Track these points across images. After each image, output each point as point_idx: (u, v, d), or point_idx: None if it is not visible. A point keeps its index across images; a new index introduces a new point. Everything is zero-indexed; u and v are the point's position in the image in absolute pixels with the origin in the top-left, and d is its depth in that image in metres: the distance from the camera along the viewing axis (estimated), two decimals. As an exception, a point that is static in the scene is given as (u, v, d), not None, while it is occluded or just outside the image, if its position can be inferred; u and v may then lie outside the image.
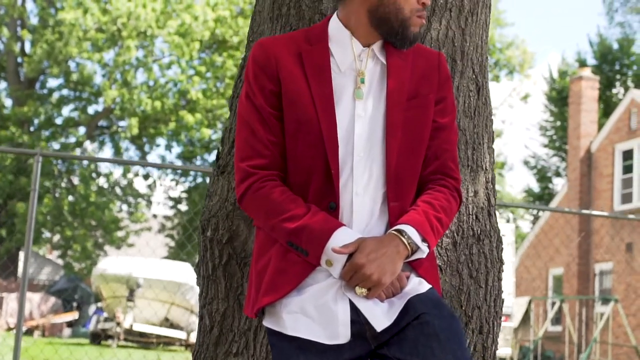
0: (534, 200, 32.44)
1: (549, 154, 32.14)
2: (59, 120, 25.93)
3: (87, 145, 27.05)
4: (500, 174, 33.80)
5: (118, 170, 26.60)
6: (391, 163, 2.13)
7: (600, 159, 21.00)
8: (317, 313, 2.03)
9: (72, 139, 25.93)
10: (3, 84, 27.08)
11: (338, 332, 2.01)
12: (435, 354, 1.96)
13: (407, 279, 2.10)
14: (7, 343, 13.47)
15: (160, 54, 25.90)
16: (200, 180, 26.75)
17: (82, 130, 26.63)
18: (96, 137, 27.27)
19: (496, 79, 29.10)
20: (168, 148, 26.89)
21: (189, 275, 17.31)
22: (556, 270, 22.47)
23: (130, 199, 26.98)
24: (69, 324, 22.35)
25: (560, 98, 30.28)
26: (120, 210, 27.18)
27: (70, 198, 25.10)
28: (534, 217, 30.91)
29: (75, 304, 23.73)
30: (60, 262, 29.60)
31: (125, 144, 26.77)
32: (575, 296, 19.52)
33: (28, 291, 22.98)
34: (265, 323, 2.11)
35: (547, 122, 31.66)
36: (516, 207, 17.85)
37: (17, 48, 25.60)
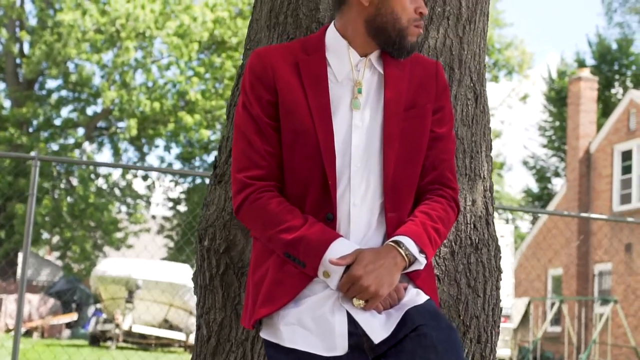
0: (533, 200, 32.42)
1: (548, 154, 32.13)
2: (57, 121, 25.92)
3: (86, 147, 27.02)
4: (500, 175, 33.80)
5: (117, 172, 26.59)
6: (388, 173, 2.12)
7: (599, 159, 20.99)
8: (315, 325, 2.01)
9: (71, 140, 25.90)
10: (2, 85, 27.09)
11: (335, 344, 1.99)
12: (433, 366, 1.95)
13: (405, 290, 2.09)
14: (6, 345, 13.41)
15: (159, 55, 25.88)
16: (199, 181, 26.72)
17: (81, 131, 26.61)
18: (95, 138, 27.25)
19: (495, 79, 29.07)
20: (167, 149, 26.89)
21: (188, 276, 17.28)
22: (555, 271, 22.45)
23: (129, 200, 26.96)
24: (68, 325, 22.31)
25: (559, 98, 30.26)
26: (120, 211, 27.15)
27: (69, 199, 25.08)
28: (533, 217, 30.87)
29: (74, 305, 23.69)
30: (59, 263, 29.58)
31: (124, 145, 26.77)
32: (575, 297, 19.50)
33: (27, 292, 22.95)
34: (262, 335, 2.10)
35: (546, 122, 31.66)
36: (516, 211, 17.81)
37: (15, 49, 25.57)
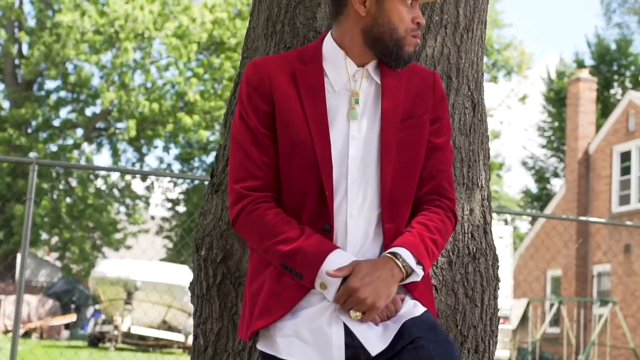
0: (532, 200, 32.40)
1: (547, 154, 32.11)
2: (56, 122, 25.90)
3: (85, 147, 27.00)
4: (498, 175, 33.79)
5: (116, 173, 26.58)
6: (386, 184, 2.11)
7: (598, 160, 20.98)
8: (312, 337, 2.00)
9: (70, 140, 25.89)
10: (0, 86, 27.04)
11: (332, 355, 1.98)
12: (430, 378, 1.94)
13: (402, 301, 2.08)
14: (4, 347, 13.42)
15: (157, 55, 25.86)
16: (198, 181, 26.69)
17: (79, 132, 26.59)
18: (94, 139, 27.22)
19: (494, 79, 29.05)
20: (166, 150, 26.88)
21: (186, 278, 17.27)
22: (554, 271, 22.45)
23: (128, 201, 26.94)
24: (67, 326, 22.30)
25: (558, 99, 30.26)
26: (118, 212, 27.14)
27: (68, 200, 25.07)
28: (532, 218, 30.85)
29: (73, 306, 23.67)
30: (58, 264, 29.56)
31: (123, 145, 26.75)
32: (574, 298, 19.50)
33: (26, 293, 22.93)
34: (259, 346, 2.09)
35: (545, 123, 31.64)
36: (515, 214, 17.79)
37: (14, 50, 25.55)
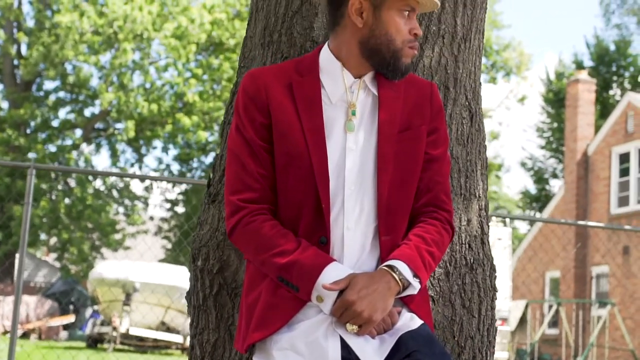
0: (531, 201, 32.39)
1: (546, 155, 32.11)
2: (55, 123, 25.86)
3: (84, 148, 26.97)
4: (497, 176, 33.78)
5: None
6: (382, 196, 2.10)
7: (597, 161, 20.97)
8: (308, 350, 2.00)
9: (69, 141, 25.87)
10: (-1, 87, 27.02)
11: (329, 368, 1.98)
12: (426, 392, 1.94)
13: (399, 314, 2.08)
14: (2, 347, 13.40)
15: (156, 56, 25.83)
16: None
17: (78, 132, 26.56)
18: (93, 140, 27.19)
19: (493, 80, 29.04)
20: (165, 150, 26.85)
21: (185, 279, 17.25)
22: (553, 273, 22.45)
23: (127, 202, 26.93)
24: (66, 327, 22.28)
25: (557, 100, 30.25)
26: (117, 212, 27.12)
27: (67, 201, 25.05)
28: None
29: (71, 307, 23.64)
30: (57, 265, 29.54)
31: (121, 146, 26.72)
32: (572, 299, 19.50)
33: (24, 294, 22.93)
34: (255, 359, 2.09)
35: (544, 123, 31.64)
36: (514, 219, 17.77)
37: (13, 50, 25.52)
